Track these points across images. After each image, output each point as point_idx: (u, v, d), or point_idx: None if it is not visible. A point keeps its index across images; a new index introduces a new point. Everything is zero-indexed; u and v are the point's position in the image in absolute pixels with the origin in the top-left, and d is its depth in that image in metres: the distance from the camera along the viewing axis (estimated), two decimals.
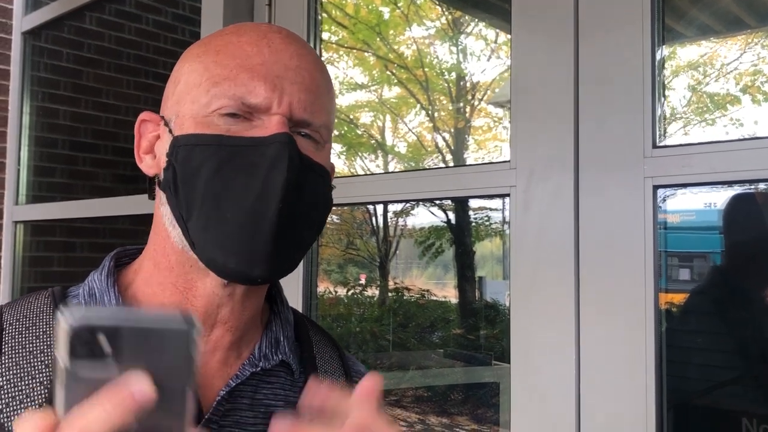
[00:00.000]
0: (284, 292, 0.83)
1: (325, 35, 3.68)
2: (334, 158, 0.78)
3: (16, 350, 0.67)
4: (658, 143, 1.28)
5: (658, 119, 1.30)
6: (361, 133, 4.76)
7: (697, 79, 2.03)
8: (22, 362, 0.66)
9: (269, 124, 0.66)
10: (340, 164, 4.61)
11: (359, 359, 0.87)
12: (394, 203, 5.37)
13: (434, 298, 5.23)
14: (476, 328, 4.61)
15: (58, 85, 3.35)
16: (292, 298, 0.86)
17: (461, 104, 4.33)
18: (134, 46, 3.59)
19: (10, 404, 0.64)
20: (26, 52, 3.17)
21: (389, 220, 5.43)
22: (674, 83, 1.94)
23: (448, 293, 5.19)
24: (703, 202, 1.65)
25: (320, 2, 2.02)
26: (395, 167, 4.97)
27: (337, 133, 4.46)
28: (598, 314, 1.30)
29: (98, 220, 3.16)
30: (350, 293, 5.46)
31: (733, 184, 1.38)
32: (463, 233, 4.72)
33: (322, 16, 2.16)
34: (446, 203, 4.45)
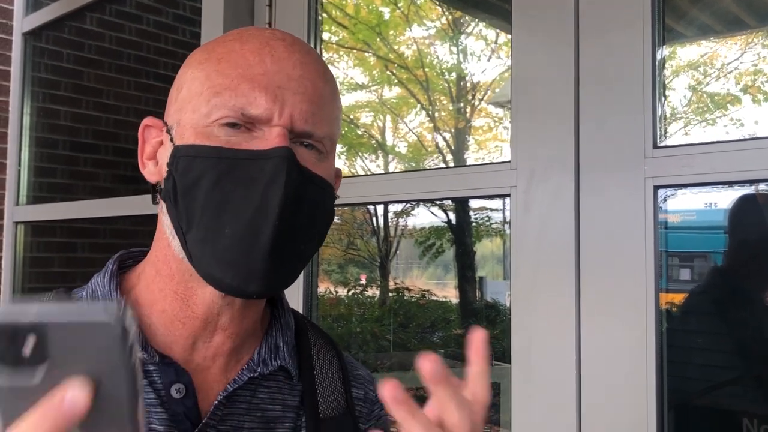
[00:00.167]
0: (285, 292, 0.83)
1: (325, 35, 3.68)
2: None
3: None
4: (658, 143, 1.28)
5: (658, 119, 1.30)
6: (361, 133, 4.76)
7: (697, 79, 2.03)
8: None
9: (270, 136, 0.65)
10: (340, 164, 4.60)
11: (360, 360, 0.87)
12: (394, 203, 5.37)
13: (435, 298, 5.23)
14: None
15: (58, 85, 3.35)
16: (292, 298, 0.86)
17: (461, 104, 4.33)
18: (135, 46, 3.59)
19: None
20: (27, 52, 3.17)
21: (390, 220, 5.43)
22: (675, 83, 1.94)
23: (448, 293, 5.19)
24: (703, 202, 1.65)
25: (320, 2, 2.02)
26: (395, 167, 4.97)
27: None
28: (598, 314, 1.30)
29: (99, 220, 3.16)
30: (351, 293, 5.46)
31: (733, 184, 1.38)
32: (463, 233, 4.72)
33: (322, 16, 2.16)
34: (447, 203, 4.45)
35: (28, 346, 0.39)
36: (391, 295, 5.43)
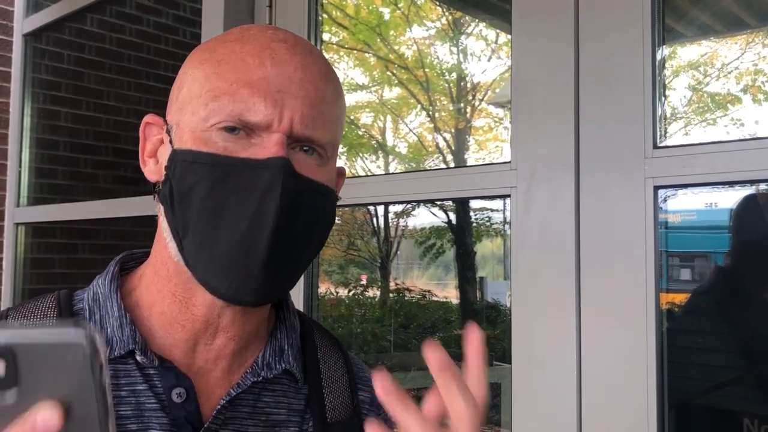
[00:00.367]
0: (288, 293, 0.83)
1: (325, 36, 3.68)
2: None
3: None
4: (658, 144, 1.28)
5: (658, 120, 1.30)
6: (361, 133, 4.76)
7: (697, 79, 2.03)
8: None
9: (268, 143, 0.64)
10: (341, 165, 4.60)
11: (344, 346, 0.86)
12: (394, 204, 5.37)
13: (435, 298, 5.23)
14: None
15: (59, 87, 3.35)
16: (293, 298, 0.86)
17: (462, 105, 4.33)
18: (135, 47, 3.59)
19: None
20: (27, 54, 3.17)
21: (390, 220, 5.43)
22: (675, 83, 1.94)
23: (449, 294, 5.19)
24: (704, 201, 1.65)
25: (321, 3, 2.02)
26: (396, 168, 4.97)
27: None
28: (599, 315, 1.30)
29: (99, 221, 3.16)
30: (351, 294, 5.46)
31: (734, 184, 1.38)
32: (464, 234, 4.72)
33: (322, 17, 2.16)
34: (447, 204, 4.45)
35: None
36: (391, 295, 5.43)
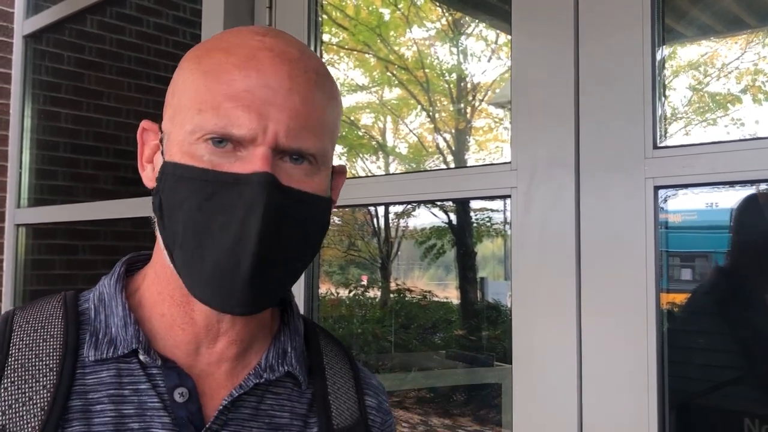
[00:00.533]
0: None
1: (325, 37, 3.68)
2: (335, 160, 0.76)
3: (23, 352, 0.67)
4: (659, 144, 1.28)
5: (658, 120, 1.30)
6: (362, 134, 4.76)
7: (697, 79, 2.03)
8: (27, 365, 0.66)
9: (253, 157, 0.63)
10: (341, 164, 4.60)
11: (361, 361, 0.87)
12: (395, 205, 5.37)
13: (436, 299, 5.24)
14: (478, 329, 4.61)
15: (59, 88, 3.35)
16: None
17: (462, 105, 4.33)
18: (135, 49, 3.59)
19: (12, 406, 0.64)
20: (27, 55, 3.17)
21: (390, 221, 5.43)
22: (675, 83, 1.94)
23: (449, 294, 5.19)
24: (704, 201, 1.65)
25: (321, 4, 2.02)
26: (396, 168, 4.97)
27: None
28: (599, 315, 1.30)
29: (100, 222, 3.16)
30: (352, 294, 5.47)
31: (734, 184, 1.38)
32: (464, 234, 4.73)
33: (322, 17, 2.16)
34: (447, 204, 4.45)
35: None
36: (392, 296, 5.44)
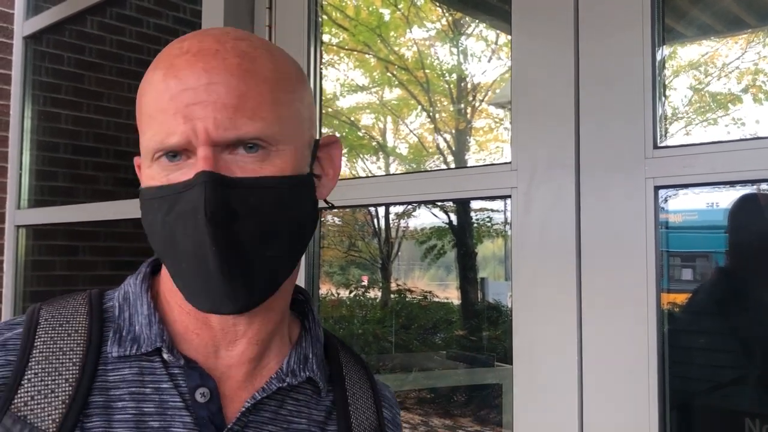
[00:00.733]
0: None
1: (326, 38, 3.69)
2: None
3: (47, 345, 0.68)
4: (659, 144, 1.28)
5: (658, 120, 1.30)
6: (362, 134, 4.76)
7: (698, 78, 2.03)
8: (51, 358, 0.68)
9: (197, 160, 0.63)
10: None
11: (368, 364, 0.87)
12: (395, 205, 5.37)
13: (436, 299, 5.24)
14: (479, 329, 4.61)
15: (59, 89, 3.35)
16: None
17: (462, 105, 4.33)
18: (135, 49, 3.59)
19: (35, 398, 0.65)
20: (27, 56, 3.17)
21: (391, 221, 5.43)
22: (675, 83, 1.94)
23: (450, 294, 5.19)
24: (705, 201, 1.65)
25: (321, 4, 2.02)
26: (396, 169, 4.97)
27: (338, 135, 4.46)
28: (600, 315, 1.30)
29: (100, 223, 3.17)
30: (352, 295, 5.47)
31: (735, 184, 1.38)
32: (464, 235, 4.73)
33: (322, 18, 2.16)
34: (448, 205, 4.45)
35: None
36: (392, 296, 5.44)
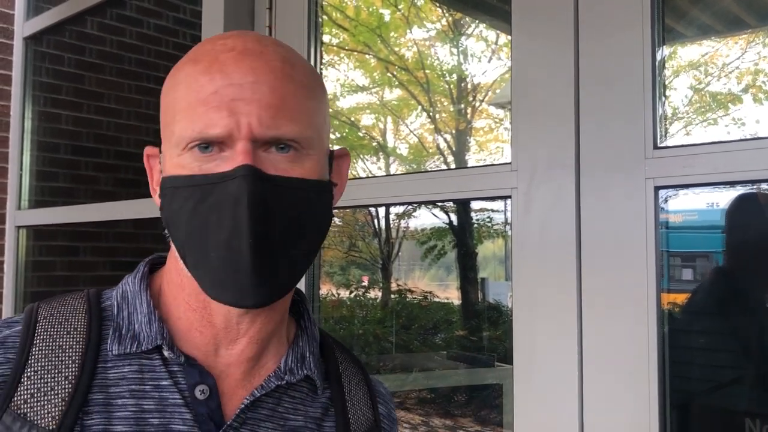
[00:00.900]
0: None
1: (326, 38, 3.69)
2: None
3: (47, 343, 0.69)
4: (659, 144, 1.28)
5: (658, 120, 1.30)
6: (362, 135, 4.76)
7: (698, 78, 2.03)
8: (51, 355, 0.68)
9: (235, 154, 0.65)
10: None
11: (362, 362, 0.88)
12: (395, 205, 5.37)
13: (437, 299, 5.23)
14: (479, 329, 4.61)
15: (59, 89, 3.35)
16: None
17: (462, 106, 4.33)
18: (135, 50, 3.59)
19: (35, 395, 0.66)
20: (28, 57, 3.17)
21: (391, 222, 5.43)
22: (675, 83, 1.94)
23: (450, 295, 5.19)
24: (705, 201, 1.65)
25: (321, 5, 2.03)
26: (397, 169, 4.97)
27: (338, 135, 4.46)
28: (600, 315, 1.30)
29: (100, 224, 3.17)
30: (353, 295, 5.47)
31: (735, 184, 1.38)
32: (465, 235, 4.73)
33: (322, 18, 2.16)
34: (448, 205, 4.45)
35: None
36: (393, 296, 5.44)
